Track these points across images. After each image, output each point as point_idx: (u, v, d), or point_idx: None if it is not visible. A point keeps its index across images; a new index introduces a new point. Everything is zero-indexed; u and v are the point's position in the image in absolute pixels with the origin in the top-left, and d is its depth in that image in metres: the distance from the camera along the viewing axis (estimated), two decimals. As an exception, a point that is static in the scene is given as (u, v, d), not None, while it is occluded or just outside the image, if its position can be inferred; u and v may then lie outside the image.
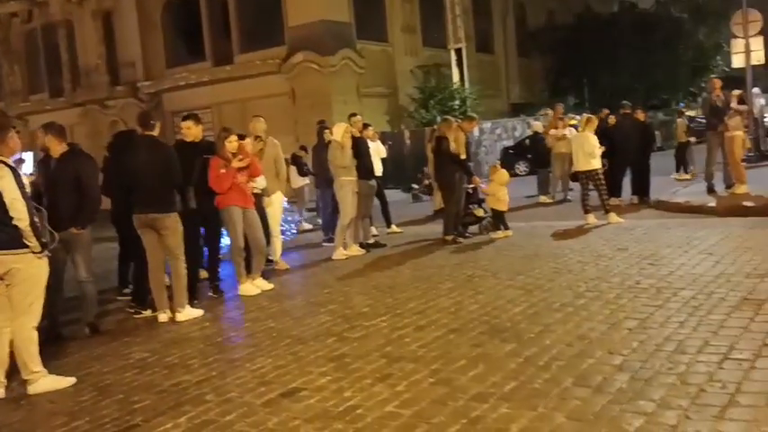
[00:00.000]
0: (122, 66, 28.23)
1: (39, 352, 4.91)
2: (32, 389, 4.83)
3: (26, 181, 4.98)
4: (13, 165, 4.81)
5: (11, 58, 31.87)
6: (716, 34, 35.35)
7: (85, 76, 29.15)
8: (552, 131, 14.20)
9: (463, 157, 9.88)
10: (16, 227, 4.68)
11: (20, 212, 4.67)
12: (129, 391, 4.62)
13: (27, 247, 4.75)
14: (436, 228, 10.31)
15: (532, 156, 16.80)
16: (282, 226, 10.00)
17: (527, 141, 23.21)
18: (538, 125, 16.04)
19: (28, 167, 5.27)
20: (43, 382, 4.87)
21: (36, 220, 4.81)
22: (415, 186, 18.18)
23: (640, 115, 12.98)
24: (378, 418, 3.72)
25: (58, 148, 6.27)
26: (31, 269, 4.82)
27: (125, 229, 7.25)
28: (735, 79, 22.08)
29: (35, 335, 4.90)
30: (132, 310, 7.10)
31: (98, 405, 4.43)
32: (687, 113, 18.72)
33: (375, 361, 4.66)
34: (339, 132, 9.17)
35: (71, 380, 4.96)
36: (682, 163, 16.11)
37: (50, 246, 5.03)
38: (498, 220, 9.68)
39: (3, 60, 32.03)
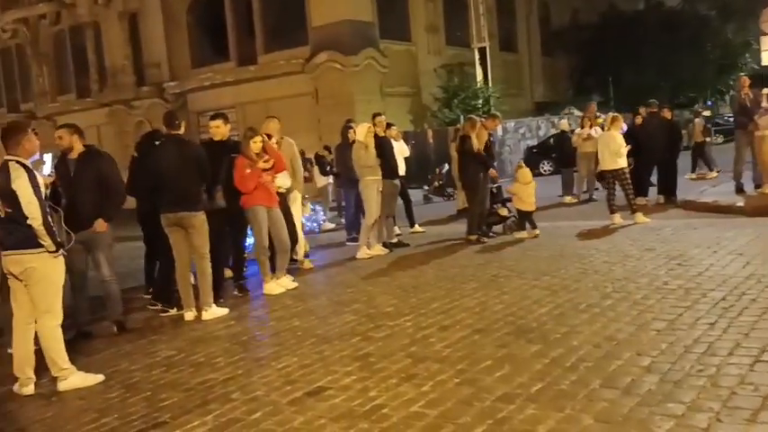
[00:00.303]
0: (148, 66, 28.56)
1: (66, 349, 4.98)
2: (62, 386, 4.90)
3: (42, 181, 5.02)
4: (29, 165, 4.89)
5: (39, 60, 32.39)
6: (744, 31, 34.84)
7: (112, 77, 29.54)
8: (578, 131, 14.08)
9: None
10: (31, 226, 4.75)
11: (33, 212, 4.73)
12: (157, 389, 4.67)
13: (42, 246, 4.81)
14: (460, 227, 10.27)
15: (557, 155, 16.61)
16: (306, 225, 10.00)
17: (551, 140, 23.08)
18: (564, 124, 15.90)
19: (47, 168, 5.36)
20: (72, 379, 4.94)
21: (50, 219, 4.86)
22: (426, 188, 18.09)
23: (667, 114, 12.82)
24: (403, 417, 3.71)
25: (79, 148, 6.35)
26: (46, 269, 4.87)
27: (151, 229, 7.32)
28: (764, 77, 21.69)
29: (59, 332, 4.98)
30: (153, 308, 7.17)
31: (126, 402, 4.48)
32: (704, 113, 18.44)
33: (400, 361, 4.65)
34: (362, 132, 9.18)
35: (99, 377, 5.02)
36: (701, 163, 15.90)
37: (66, 246, 5.09)
38: (524, 219, 9.60)
39: (32, 61, 32.57)
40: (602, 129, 12.19)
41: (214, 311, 6.62)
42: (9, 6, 32.24)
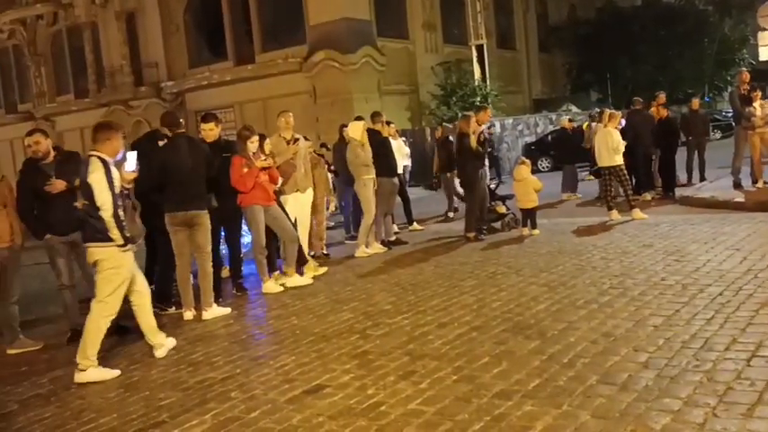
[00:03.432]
0: (146, 66, 28.54)
1: (64, 350, 5.00)
2: (80, 377, 5.02)
3: (118, 177, 5.22)
4: (107, 161, 5.13)
5: (37, 61, 32.38)
6: (742, 27, 34.84)
7: (110, 77, 29.51)
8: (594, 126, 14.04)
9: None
10: (102, 219, 5.02)
11: (104, 204, 5.01)
12: (156, 388, 4.68)
13: (111, 240, 5.05)
14: (458, 225, 10.28)
15: (559, 152, 16.50)
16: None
17: (549, 137, 23.08)
18: (564, 120, 15.92)
19: (132, 164, 5.54)
20: (91, 372, 5.06)
21: (122, 214, 5.11)
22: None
23: (663, 111, 12.82)
24: (401, 415, 3.72)
25: (52, 152, 6.29)
26: (113, 262, 5.11)
27: (154, 229, 7.29)
28: (762, 72, 21.69)
29: (104, 325, 5.16)
30: (157, 309, 7.15)
31: (125, 402, 4.49)
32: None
33: (398, 358, 4.66)
34: (357, 131, 9.15)
35: (116, 372, 5.13)
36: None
37: (137, 240, 5.35)
38: (525, 217, 9.55)
39: (30, 62, 32.54)
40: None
41: (215, 311, 6.63)
42: (6, 7, 32.21)
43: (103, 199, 5.01)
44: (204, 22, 27.78)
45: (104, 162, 5.11)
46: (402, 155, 11.82)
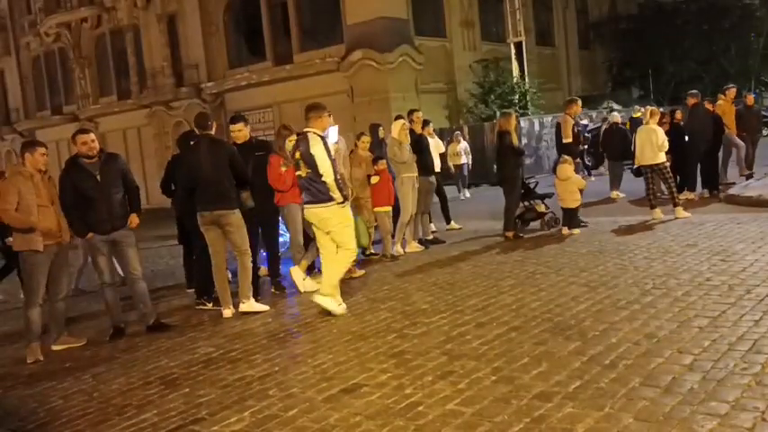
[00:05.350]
0: (186, 67, 28.93)
1: (105, 346, 5.06)
2: (317, 299, 6.25)
3: (332, 148, 6.34)
4: (323, 135, 6.20)
5: (81, 63, 33.08)
6: (790, 20, 33.84)
7: (151, 79, 30.01)
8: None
9: (569, 140, 9.85)
10: (324, 183, 6.03)
11: (327, 171, 6.05)
12: (195, 385, 4.73)
13: (332, 200, 6.09)
14: (496, 224, 10.18)
15: (607, 149, 16.08)
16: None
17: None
18: (615, 116, 15.64)
19: (333, 137, 6.78)
20: (328, 301, 6.19)
21: (338, 177, 6.13)
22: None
23: (709, 106, 12.51)
24: (439, 415, 3.69)
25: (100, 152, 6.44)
26: (336, 217, 6.17)
27: (188, 227, 7.39)
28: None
29: (347, 264, 6.41)
30: (199, 307, 7.25)
31: (165, 398, 4.55)
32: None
33: (436, 358, 4.63)
34: (397, 129, 9.13)
35: (343, 308, 6.23)
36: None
37: (350, 198, 6.61)
38: (566, 216, 9.41)
39: (74, 65, 33.27)
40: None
41: (252, 305, 6.69)
42: (52, 11, 33.00)
43: (326, 167, 6.04)
44: (243, 23, 28.06)
45: (322, 137, 6.13)
46: (439, 153, 11.70)
